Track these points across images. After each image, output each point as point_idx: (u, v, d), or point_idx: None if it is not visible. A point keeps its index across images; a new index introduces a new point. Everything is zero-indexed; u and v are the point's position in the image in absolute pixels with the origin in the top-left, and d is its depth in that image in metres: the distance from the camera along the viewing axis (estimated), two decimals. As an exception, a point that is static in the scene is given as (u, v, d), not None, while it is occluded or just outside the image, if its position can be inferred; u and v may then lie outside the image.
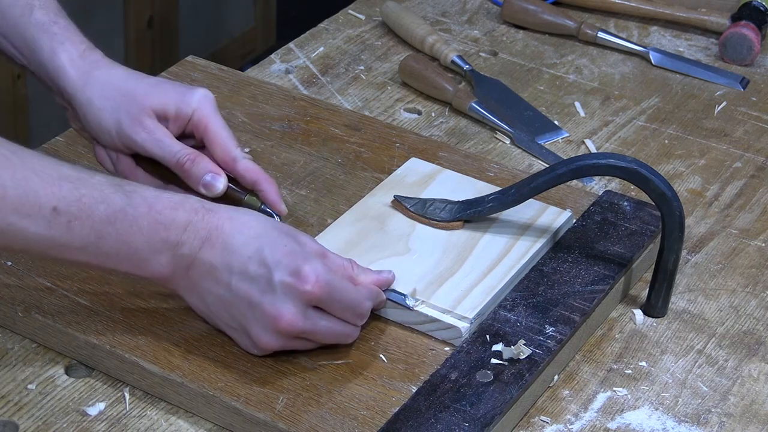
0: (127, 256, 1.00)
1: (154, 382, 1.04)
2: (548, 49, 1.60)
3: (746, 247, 1.27)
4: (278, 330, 1.01)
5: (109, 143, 1.16)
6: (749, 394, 1.09)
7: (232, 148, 1.15)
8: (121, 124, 1.14)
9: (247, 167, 1.15)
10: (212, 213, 1.02)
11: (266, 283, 1.01)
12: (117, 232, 0.99)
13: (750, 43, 1.57)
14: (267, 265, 1.01)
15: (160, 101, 1.14)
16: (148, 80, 1.17)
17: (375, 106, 1.47)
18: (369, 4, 1.68)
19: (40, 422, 1.02)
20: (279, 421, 1.00)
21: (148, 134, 1.13)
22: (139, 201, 1.00)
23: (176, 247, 1.01)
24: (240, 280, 1.01)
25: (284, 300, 1.01)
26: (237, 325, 1.03)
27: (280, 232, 1.03)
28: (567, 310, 1.10)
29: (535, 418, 1.05)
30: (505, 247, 1.16)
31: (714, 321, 1.17)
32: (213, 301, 1.03)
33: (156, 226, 1.00)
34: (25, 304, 1.09)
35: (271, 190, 1.15)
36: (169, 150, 1.14)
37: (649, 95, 1.52)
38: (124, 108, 1.14)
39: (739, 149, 1.42)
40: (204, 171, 1.13)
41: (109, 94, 1.14)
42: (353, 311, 1.04)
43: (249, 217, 1.04)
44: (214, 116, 1.16)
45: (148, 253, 1.00)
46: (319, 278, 1.01)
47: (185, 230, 1.01)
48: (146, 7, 2.89)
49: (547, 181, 1.14)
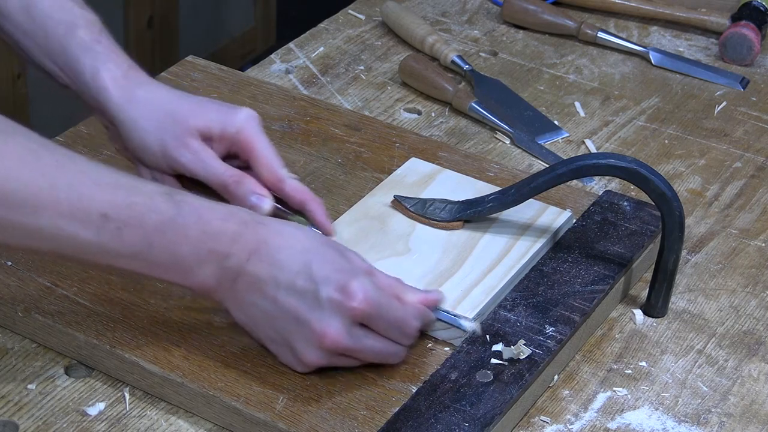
0: (174, 265, 0.99)
1: (154, 382, 1.04)
2: (548, 49, 1.60)
3: (746, 247, 1.27)
4: (323, 347, 1.01)
5: (153, 164, 1.15)
6: (749, 394, 1.09)
7: (278, 169, 1.14)
8: (166, 144, 1.13)
9: (295, 187, 1.14)
10: (261, 226, 1.02)
11: (313, 298, 1.00)
12: (166, 240, 0.98)
13: (750, 43, 1.57)
14: (314, 280, 1.00)
15: (205, 121, 1.13)
16: (192, 99, 1.16)
17: (375, 106, 1.47)
18: (369, 4, 1.68)
19: (40, 422, 1.02)
20: (279, 421, 1.00)
21: (192, 155, 1.13)
22: (188, 210, 0.99)
23: (224, 258, 1.00)
24: (287, 295, 1.00)
25: (330, 316, 1.00)
26: (281, 339, 1.02)
27: (328, 248, 1.03)
28: (567, 310, 1.10)
29: (535, 418, 1.05)
30: (505, 247, 1.16)
31: (714, 321, 1.17)
32: (258, 314, 1.02)
33: (204, 237, 0.99)
34: (25, 304, 1.09)
35: (319, 211, 1.14)
36: (214, 171, 1.13)
37: (649, 95, 1.52)
38: (168, 128, 1.13)
39: (739, 149, 1.42)
40: (249, 192, 1.12)
41: (153, 114, 1.13)
42: (400, 330, 1.03)
43: (298, 232, 1.03)
44: (259, 136, 1.14)
45: (195, 263, 0.99)
46: (366, 295, 1.00)
47: (234, 242, 1.00)
48: (146, 7, 2.89)
49: (547, 181, 1.14)
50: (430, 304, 1.06)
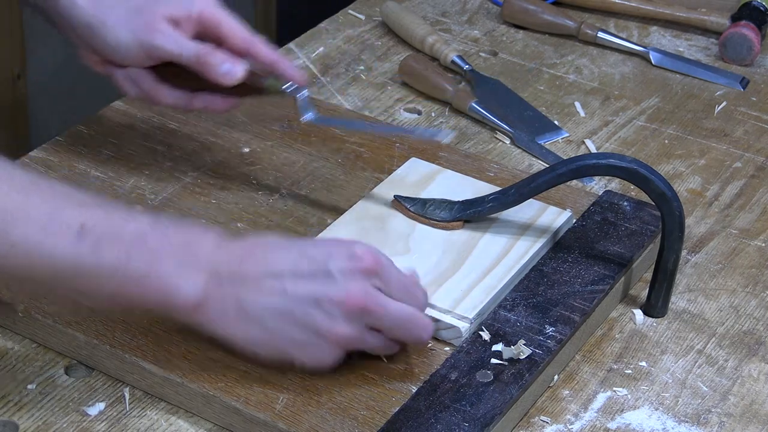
0: (156, 279, 0.96)
1: (154, 382, 1.04)
2: (548, 49, 1.60)
3: (746, 247, 1.27)
4: (349, 310, 0.98)
5: (129, 59, 1.18)
6: (749, 394, 1.09)
7: (245, 34, 1.19)
8: (139, 34, 1.17)
9: (263, 48, 1.18)
10: (240, 237, 1.02)
11: (324, 275, 0.99)
12: (146, 252, 0.96)
13: (750, 43, 1.57)
14: (317, 260, 0.99)
15: (168, 8, 1.18)
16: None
17: (375, 106, 1.47)
18: (369, 4, 1.68)
19: (40, 422, 1.02)
20: (279, 421, 1.00)
21: (165, 37, 1.17)
22: (166, 221, 0.99)
23: (212, 264, 0.98)
24: (295, 281, 0.99)
25: (347, 282, 0.99)
26: (301, 331, 0.99)
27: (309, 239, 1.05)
28: (567, 310, 1.10)
29: (535, 418, 1.05)
30: (505, 247, 1.16)
31: (714, 321, 1.17)
32: (267, 315, 0.99)
33: (187, 246, 0.98)
34: (25, 304, 1.09)
35: (288, 65, 1.18)
36: (188, 47, 1.17)
37: (649, 95, 1.52)
38: (138, 20, 1.17)
39: (739, 149, 1.42)
40: (223, 60, 1.16)
41: (121, 12, 1.17)
42: (407, 291, 1.03)
43: (276, 236, 1.05)
44: (219, 10, 1.20)
45: (179, 273, 0.97)
46: (373, 253, 1.01)
47: (218, 248, 0.99)
48: (146, 7, 2.89)
49: (547, 181, 1.14)
50: None
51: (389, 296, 1.01)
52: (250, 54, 1.18)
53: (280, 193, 1.26)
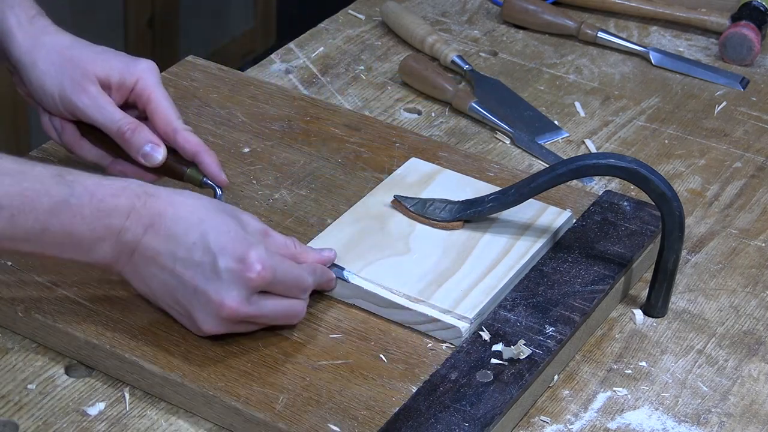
0: (71, 244, 1.01)
1: (154, 382, 1.04)
2: (548, 49, 1.60)
3: (746, 247, 1.27)
4: (222, 316, 1.02)
5: (53, 109, 1.17)
6: (749, 394, 1.09)
7: (173, 120, 1.16)
8: (65, 88, 1.15)
9: (187, 139, 1.16)
10: (154, 198, 1.03)
11: (211, 269, 1.01)
12: (60, 222, 1.00)
13: (750, 43, 1.57)
14: (211, 251, 1.01)
15: (104, 69, 1.15)
16: (94, 48, 1.18)
17: (375, 106, 1.47)
18: (369, 4, 1.68)
19: (40, 422, 1.02)
20: (279, 421, 1.00)
21: (90, 100, 1.14)
22: (80, 190, 1.01)
23: (119, 233, 1.01)
24: (184, 267, 1.02)
25: (229, 286, 1.01)
26: (181, 309, 1.04)
27: (223, 215, 1.04)
28: (567, 310, 1.10)
29: (535, 418, 1.05)
30: (505, 247, 1.16)
31: (714, 321, 1.17)
32: (157, 286, 1.04)
33: (98, 214, 1.01)
34: (25, 304, 1.09)
35: (212, 162, 1.16)
36: (111, 117, 1.14)
37: (649, 95, 1.52)
38: (68, 73, 1.15)
39: (739, 149, 1.42)
40: (144, 141, 1.14)
41: (54, 58, 1.15)
42: (297, 287, 1.05)
43: (192, 201, 1.04)
44: (156, 87, 1.17)
45: (92, 241, 1.01)
46: (264, 264, 1.01)
47: (128, 217, 1.01)
48: (146, 7, 2.89)
49: (547, 181, 1.14)
50: (324, 262, 1.10)
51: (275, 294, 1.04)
52: (172, 141, 1.16)
53: (280, 193, 1.26)
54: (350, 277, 1.11)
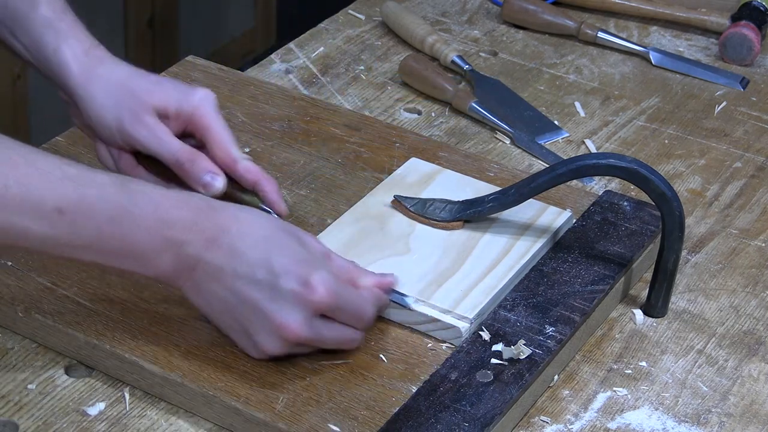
0: (131, 254, 1.00)
1: (154, 382, 1.04)
2: (548, 49, 1.60)
3: (746, 247, 1.27)
4: (283, 337, 1.01)
5: (111, 140, 1.16)
6: (749, 394, 1.09)
7: (232, 149, 1.15)
8: (123, 120, 1.14)
9: (248, 168, 1.15)
10: (217, 212, 1.02)
11: (273, 290, 1.00)
12: (121, 231, 0.98)
13: (750, 43, 1.57)
14: (274, 272, 1.00)
15: (162, 99, 1.15)
16: (151, 78, 1.17)
17: (375, 106, 1.47)
18: (369, 4, 1.68)
19: (40, 422, 1.02)
20: (279, 421, 1.00)
21: (148, 131, 1.13)
22: (142, 200, 0.99)
23: (181, 246, 1.00)
24: (246, 286, 1.00)
25: (291, 308, 1.00)
26: (240, 328, 1.03)
27: (286, 235, 1.03)
28: (567, 310, 1.10)
29: (535, 418, 1.05)
30: (505, 247, 1.16)
31: (714, 321, 1.17)
32: (217, 303, 1.02)
33: (159, 225, 0.99)
34: (25, 304, 1.09)
35: (272, 190, 1.15)
36: (169, 148, 1.13)
37: (649, 95, 1.52)
38: (125, 105, 1.14)
39: (739, 149, 1.42)
40: (203, 171, 1.13)
41: (112, 90, 1.14)
42: (359, 318, 1.04)
43: (255, 218, 1.03)
44: (214, 116, 1.16)
45: (152, 252, 1.00)
46: (328, 288, 1.00)
47: (190, 230, 1.00)
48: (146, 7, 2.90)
49: (547, 181, 1.14)
50: (385, 288, 1.08)
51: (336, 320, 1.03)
52: (233, 171, 1.15)
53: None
54: (412, 304, 1.09)
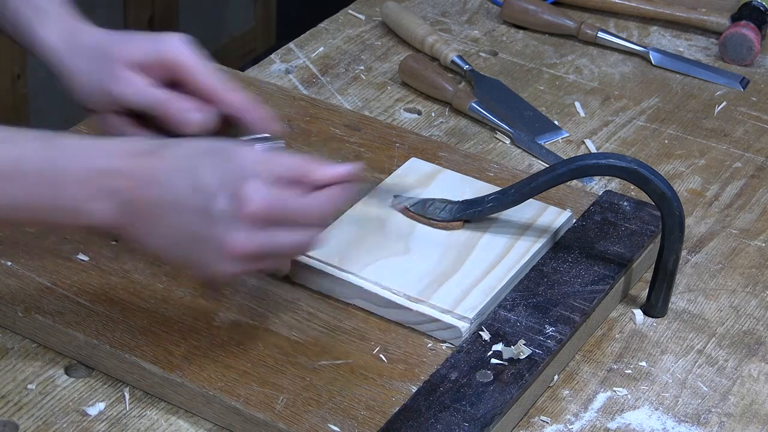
0: (64, 208, 0.99)
1: (154, 382, 1.04)
2: (548, 49, 1.60)
3: (746, 247, 1.27)
4: (232, 257, 0.98)
5: (99, 106, 1.15)
6: (749, 394, 1.09)
7: (212, 80, 1.13)
8: (101, 82, 1.13)
9: (232, 96, 1.12)
10: (146, 152, 1.00)
11: (208, 214, 0.98)
12: (49, 187, 0.98)
13: (750, 43, 1.57)
14: (204, 195, 0.98)
15: (134, 52, 1.14)
16: (121, 35, 1.16)
17: (375, 106, 1.47)
18: (369, 4, 1.68)
19: (40, 422, 1.02)
20: (279, 421, 1.00)
21: (126, 85, 1.13)
22: (71, 152, 0.99)
23: (115, 193, 0.99)
24: (182, 216, 0.98)
25: (229, 227, 0.97)
26: (192, 261, 1.01)
27: (212, 156, 1.00)
28: (567, 310, 1.10)
29: (535, 418, 1.05)
30: (505, 247, 1.16)
31: (714, 321, 1.17)
32: (162, 241, 1.00)
33: (91, 175, 0.99)
34: (25, 304, 1.09)
35: (262, 114, 1.12)
36: (150, 95, 1.12)
37: (649, 95, 1.52)
38: (101, 66, 1.13)
39: (739, 149, 1.42)
40: (186, 108, 1.11)
41: (88, 58, 1.14)
42: (309, 217, 1.01)
43: (180, 150, 1.01)
44: (190, 54, 1.14)
45: (84, 202, 0.99)
46: (261, 196, 0.97)
47: (121, 175, 0.99)
48: (146, 7, 2.90)
49: (547, 181, 1.14)
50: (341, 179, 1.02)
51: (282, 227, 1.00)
52: (218, 102, 1.12)
53: (280, 193, 1.26)
54: None
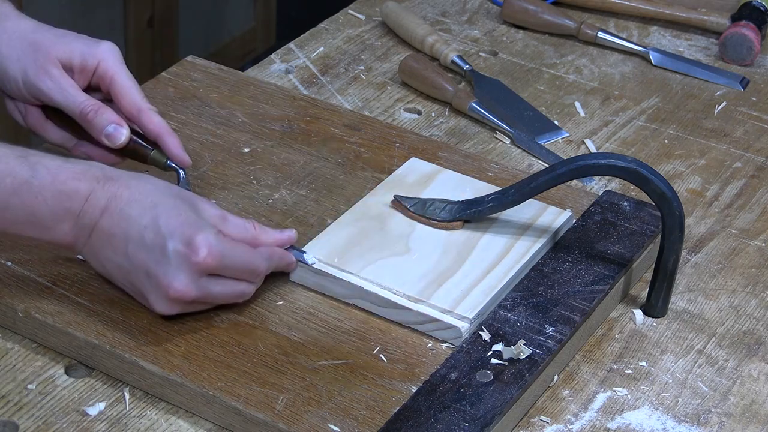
0: (32, 224, 1.03)
1: (154, 382, 1.04)
2: (548, 49, 1.60)
3: (746, 247, 1.27)
4: (171, 298, 1.04)
5: (17, 93, 1.17)
6: (749, 394, 1.09)
7: (137, 100, 1.16)
8: (27, 72, 1.15)
9: (151, 119, 1.16)
10: (112, 182, 1.05)
11: (160, 252, 1.03)
12: (22, 202, 1.02)
13: (750, 43, 1.57)
14: (161, 234, 1.03)
15: (66, 51, 1.15)
16: (56, 31, 1.18)
17: (375, 106, 1.47)
18: (369, 4, 1.68)
19: (40, 422, 1.02)
20: (279, 421, 1.00)
21: (53, 83, 1.15)
22: (43, 172, 1.03)
23: (78, 216, 1.04)
24: (136, 249, 1.03)
25: (177, 270, 1.03)
26: (135, 289, 1.06)
27: (177, 200, 1.05)
28: (567, 310, 1.10)
29: (535, 418, 1.05)
30: (505, 247, 1.16)
31: (714, 321, 1.17)
32: (112, 267, 1.06)
33: (59, 197, 1.03)
34: (25, 304, 1.09)
35: (174, 143, 1.16)
36: (74, 100, 1.15)
37: (649, 95, 1.52)
38: (30, 57, 1.15)
39: (739, 149, 1.42)
40: (107, 122, 1.14)
41: (16, 43, 1.15)
42: (249, 273, 1.07)
43: (148, 185, 1.06)
44: (119, 67, 1.17)
45: (52, 221, 1.04)
46: (211, 248, 1.03)
47: (86, 200, 1.03)
48: (146, 7, 2.89)
49: (547, 181, 1.14)
50: (284, 244, 1.11)
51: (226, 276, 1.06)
52: (137, 121, 1.16)
53: (280, 193, 1.26)
54: (310, 260, 1.12)
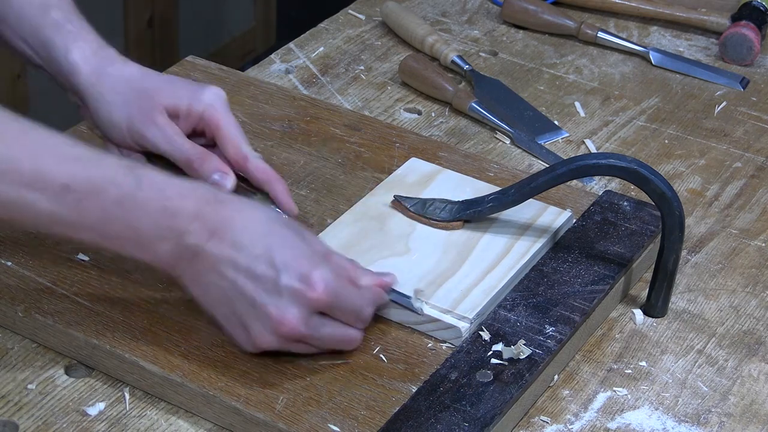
0: (132, 239, 0.99)
1: (154, 382, 1.04)
2: (548, 49, 1.60)
3: (746, 247, 1.27)
4: (279, 333, 1.01)
5: (120, 140, 1.16)
6: (749, 394, 1.09)
7: (243, 147, 1.16)
8: (132, 119, 1.14)
9: (258, 166, 1.16)
10: (222, 204, 1.01)
11: (273, 285, 1.00)
12: (125, 215, 0.98)
13: (750, 43, 1.57)
14: (275, 267, 1.00)
15: (172, 98, 1.15)
16: (161, 77, 1.17)
17: (375, 106, 1.47)
18: (369, 4, 1.68)
19: (40, 422, 1.02)
20: (279, 421, 1.00)
21: (158, 131, 1.14)
22: (149, 185, 0.99)
23: (182, 235, 0.99)
24: (246, 279, 1.00)
25: (289, 304, 1.00)
26: (237, 320, 1.02)
27: (289, 231, 1.03)
28: (567, 310, 1.10)
29: (535, 418, 1.05)
30: (505, 247, 1.16)
31: (714, 321, 1.17)
32: (215, 294, 1.02)
33: (164, 212, 0.99)
34: (25, 304, 1.09)
35: (282, 190, 1.16)
36: (179, 148, 1.14)
37: (649, 95, 1.52)
38: (135, 104, 1.14)
39: (739, 149, 1.42)
40: (213, 170, 1.13)
41: (121, 89, 1.14)
42: (357, 316, 1.04)
43: (259, 212, 1.03)
44: (225, 114, 1.16)
45: (154, 238, 0.99)
46: (327, 285, 1.00)
47: (194, 220, 0.99)
48: (146, 7, 2.90)
49: (547, 181, 1.14)
50: (384, 287, 1.07)
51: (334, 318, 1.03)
52: (243, 168, 1.16)
53: (280, 193, 1.26)
54: (414, 303, 1.08)
